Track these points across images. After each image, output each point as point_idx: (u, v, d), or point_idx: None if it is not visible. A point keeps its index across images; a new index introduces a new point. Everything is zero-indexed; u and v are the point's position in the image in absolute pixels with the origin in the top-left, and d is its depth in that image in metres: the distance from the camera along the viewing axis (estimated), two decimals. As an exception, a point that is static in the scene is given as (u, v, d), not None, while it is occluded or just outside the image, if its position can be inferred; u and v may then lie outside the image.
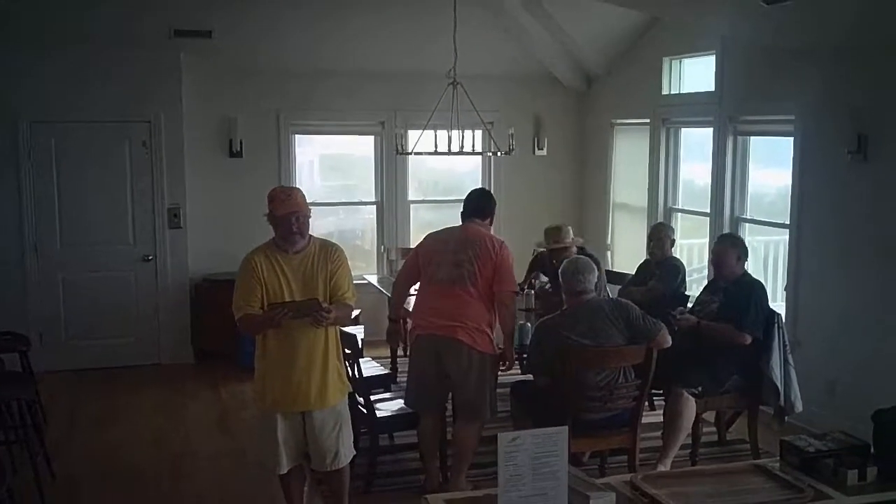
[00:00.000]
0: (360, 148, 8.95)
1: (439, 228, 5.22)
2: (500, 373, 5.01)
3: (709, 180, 7.13)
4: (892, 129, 5.40)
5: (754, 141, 6.94)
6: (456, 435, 4.92)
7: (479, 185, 9.08)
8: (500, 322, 4.92)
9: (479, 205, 5.03)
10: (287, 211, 4.00)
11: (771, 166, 7.06)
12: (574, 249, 6.11)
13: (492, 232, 5.06)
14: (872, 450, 3.00)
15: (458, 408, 4.89)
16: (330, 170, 9.36)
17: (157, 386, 7.25)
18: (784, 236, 6.54)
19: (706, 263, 7.15)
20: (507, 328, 4.89)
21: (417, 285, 5.12)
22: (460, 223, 5.03)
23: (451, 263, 4.76)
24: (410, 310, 5.18)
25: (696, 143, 7.72)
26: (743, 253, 5.31)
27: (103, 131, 7.52)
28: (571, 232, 6.28)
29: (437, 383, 4.83)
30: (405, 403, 5.06)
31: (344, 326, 4.39)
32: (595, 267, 4.81)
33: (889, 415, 3.01)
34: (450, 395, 4.94)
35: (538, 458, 2.53)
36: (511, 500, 2.51)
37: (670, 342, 4.69)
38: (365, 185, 8.88)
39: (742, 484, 2.91)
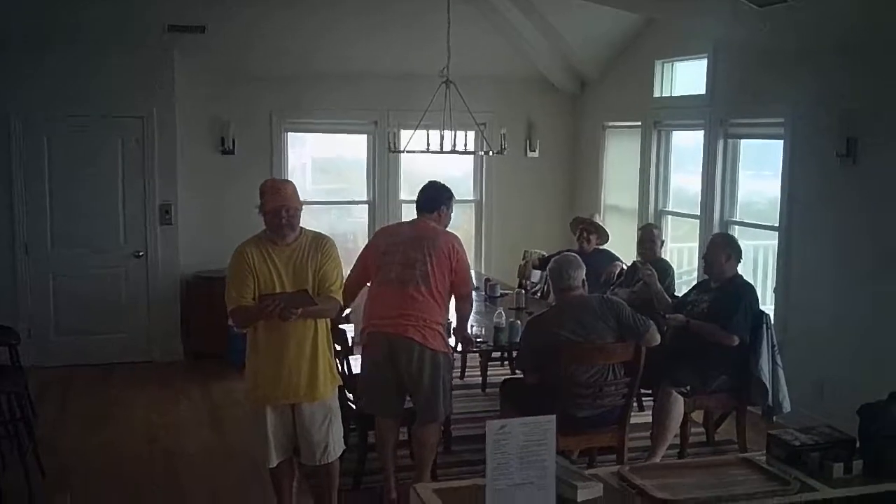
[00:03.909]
0: (352, 150, 8.95)
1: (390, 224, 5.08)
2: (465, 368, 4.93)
3: (699, 183, 7.16)
4: (881, 132, 5.44)
5: (744, 145, 6.97)
6: (413, 436, 4.82)
7: (472, 188, 9.19)
8: (457, 311, 4.95)
9: (428, 201, 4.88)
10: (276, 205, 4.01)
11: (761, 170, 7.10)
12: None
13: (449, 226, 4.96)
14: (858, 443, 3.03)
15: (416, 409, 4.74)
16: (321, 172, 9.35)
17: (148, 383, 7.22)
18: (773, 241, 6.56)
19: (696, 266, 7.19)
20: (464, 313, 4.94)
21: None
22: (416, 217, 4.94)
23: (401, 263, 4.63)
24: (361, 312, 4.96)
25: (686, 147, 7.76)
26: (734, 253, 5.32)
27: (95, 128, 7.50)
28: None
29: (393, 383, 4.66)
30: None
31: (329, 318, 4.26)
32: (582, 263, 4.82)
33: (874, 409, 3.04)
34: (407, 397, 4.78)
35: (526, 446, 2.54)
36: (499, 488, 2.53)
37: (659, 340, 4.72)
38: (356, 188, 8.88)
39: (729, 476, 2.92)
